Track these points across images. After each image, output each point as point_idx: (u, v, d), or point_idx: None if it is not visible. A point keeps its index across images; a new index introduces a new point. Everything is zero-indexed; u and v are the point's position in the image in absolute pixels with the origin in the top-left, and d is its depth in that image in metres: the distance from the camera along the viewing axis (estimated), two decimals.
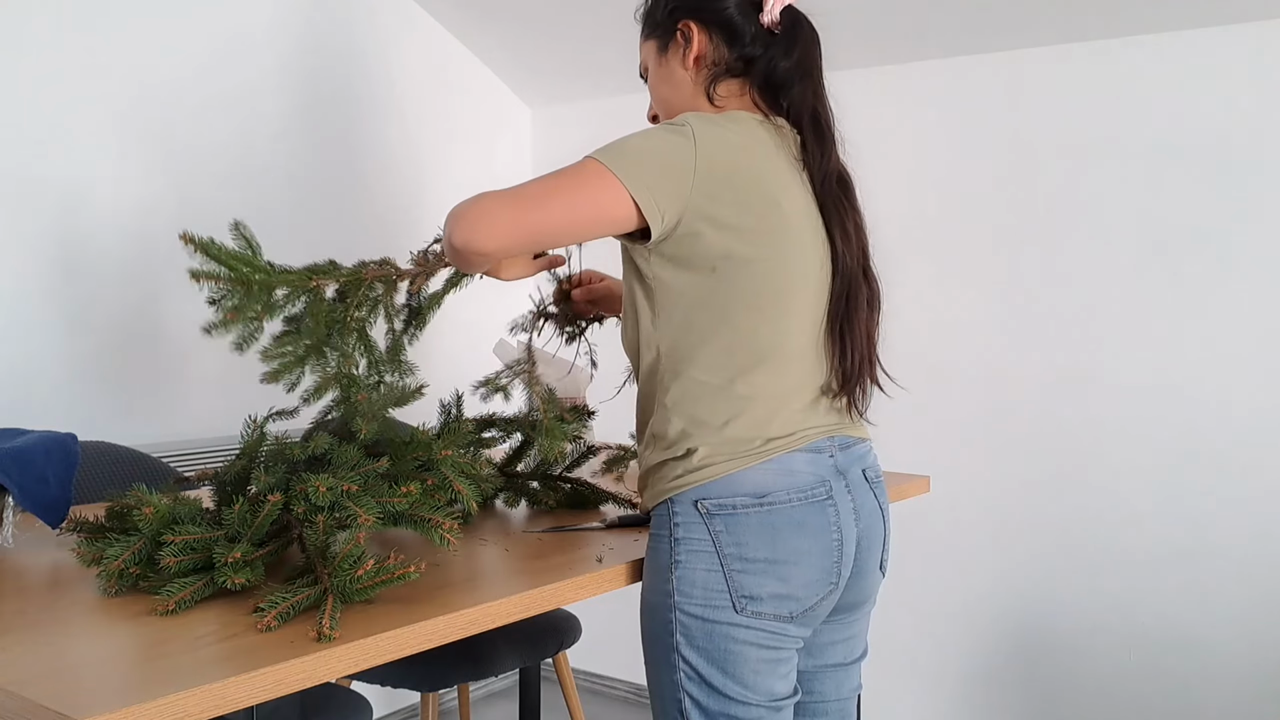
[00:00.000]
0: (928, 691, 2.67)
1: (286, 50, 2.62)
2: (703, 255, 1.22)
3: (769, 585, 1.23)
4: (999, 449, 2.56)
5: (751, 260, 1.23)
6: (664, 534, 1.26)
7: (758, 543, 1.22)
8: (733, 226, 1.21)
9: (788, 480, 1.24)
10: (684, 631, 1.24)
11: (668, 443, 1.26)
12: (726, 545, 1.22)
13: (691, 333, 1.25)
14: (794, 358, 1.27)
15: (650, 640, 1.28)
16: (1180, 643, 2.36)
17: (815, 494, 1.25)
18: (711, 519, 1.23)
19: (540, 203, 1.18)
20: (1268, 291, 2.25)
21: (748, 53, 1.33)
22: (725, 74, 1.34)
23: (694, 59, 1.34)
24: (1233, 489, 2.29)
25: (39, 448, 1.44)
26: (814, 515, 1.25)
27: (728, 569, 1.22)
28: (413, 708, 2.98)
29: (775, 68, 1.32)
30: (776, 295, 1.25)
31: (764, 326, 1.25)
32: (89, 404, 2.23)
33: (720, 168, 1.21)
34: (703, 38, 1.34)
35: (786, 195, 1.26)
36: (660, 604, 1.26)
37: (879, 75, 2.68)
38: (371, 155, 2.84)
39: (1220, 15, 2.24)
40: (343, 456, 1.27)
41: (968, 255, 2.58)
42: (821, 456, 1.27)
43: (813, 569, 1.25)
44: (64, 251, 2.19)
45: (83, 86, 2.21)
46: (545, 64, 3.11)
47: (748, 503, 1.23)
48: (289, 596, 1.05)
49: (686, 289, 1.24)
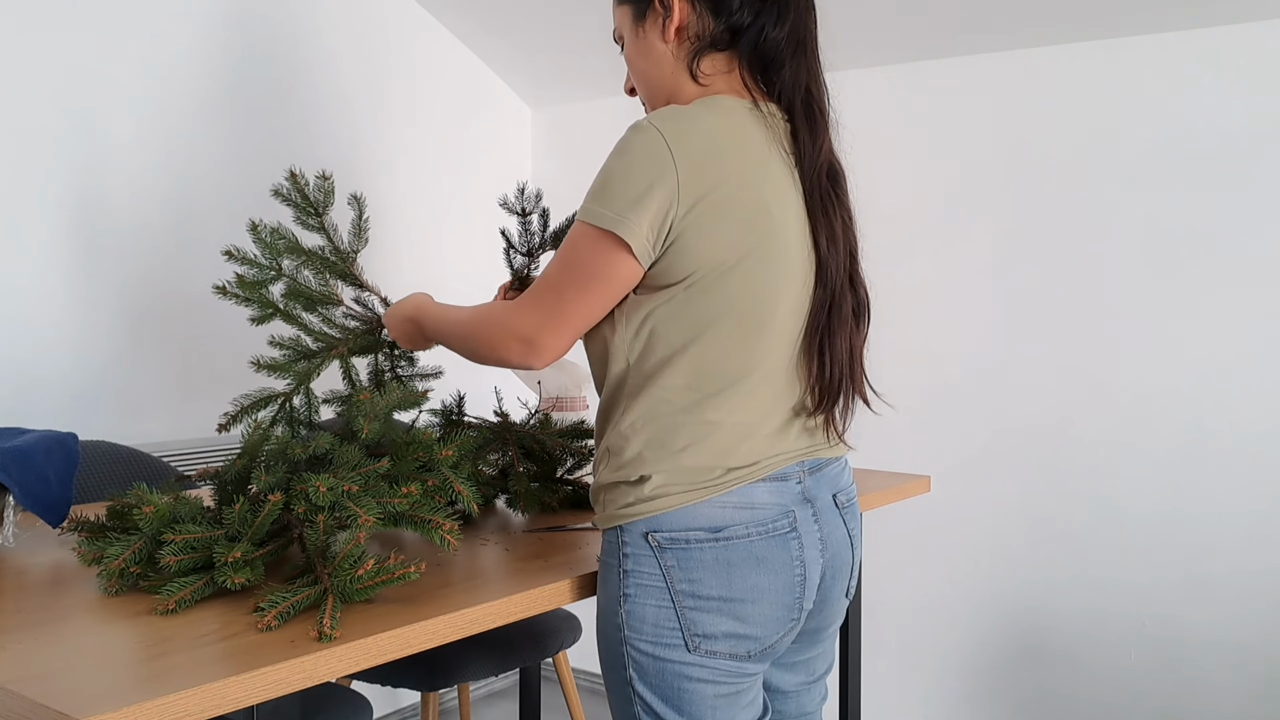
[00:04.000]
0: (928, 691, 2.67)
1: (286, 50, 2.62)
2: (680, 267, 1.13)
3: (724, 624, 1.14)
4: (999, 449, 2.56)
5: (729, 273, 1.14)
6: (613, 563, 1.18)
7: (712, 580, 1.14)
8: (714, 237, 1.13)
9: (747, 515, 1.15)
10: (636, 668, 1.17)
11: (621, 463, 1.17)
12: (679, 581, 1.14)
13: (660, 349, 1.16)
14: (766, 380, 1.18)
15: (606, 668, 1.22)
16: (1180, 642, 2.36)
17: (777, 527, 1.16)
18: (663, 553, 1.14)
19: (562, 304, 1.16)
20: (1268, 291, 2.25)
21: (735, 21, 1.20)
22: (710, 47, 1.21)
23: (675, 30, 1.22)
24: (1233, 489, 2.29)
25: (40, 447, 1.44)
26: (775, 550, 1.16)
27: (679, 606, 1.14)
28: (413, 707, 2.98)
29: (765, 39, 1.19)
30: (753, 312, 1.15)
31: (737, 347, 1.16)
32: (89, 404, 2.23)
33: (702, 170, 1.12)
34: (684, 6, 1.21)
35: (777, 200, 1.17)
36: (612, 636, 1.18)
37: (879, 75, 2.68)
38: (371, 155, 2.84)
39: (1220, 15, 2.24)
40: (344, 456, 1.27)
41: (968, 255, 2.58)
42: (788, 484, 1.19)
43: (772, 606, 1.16)
44: (64, 252, 2.20)
45: (85, 97, 2.22)
46: (546, 65, 3.11)
47: (702, 537, 1.14)
48: (289, 596, 1.05)
49: (660, 301, 1.15)
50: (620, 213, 1.11)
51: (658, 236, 1.12)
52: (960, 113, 2.58)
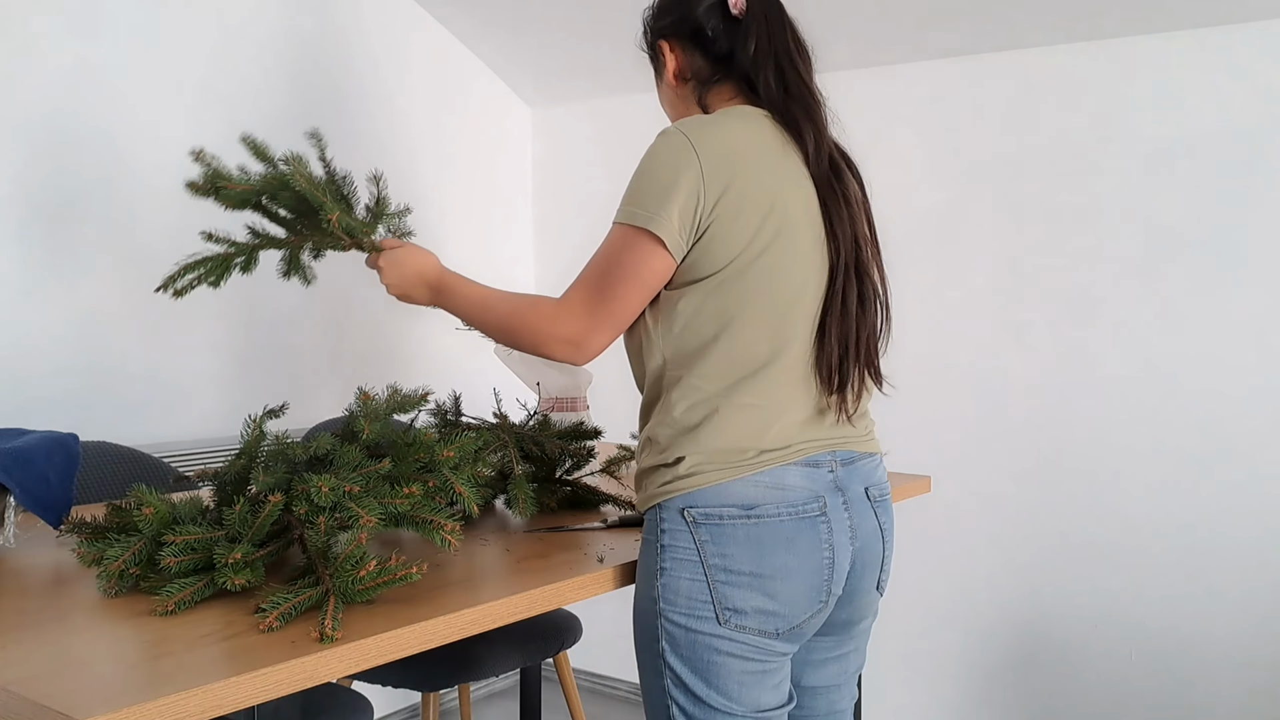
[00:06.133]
0: (928, 691, 2.67)
1: (285, 50, 2.62)
2: (708, 262, 1.23)
3: (753, 600, 1.21)
4: (999, 449, 2.56)
5: (752, 265, 1.23)
6: (652, 539, 1.26)
7: (743, 555, 1.21)
8: (737, 231, 1.22)
9: (778, 495, 1.22)
10: (669, 639, 1.23)
11: (660, 448, 1.26)
12: (711, 556, 1.21)
13: (693, 341, 1.25)
14: (793, 366, 1.26)
15: (639, 645, 1.29)
16: (1181, 642, 2.36)
17: (807, 510, 1.23)
18: (697, 528, 1.22)
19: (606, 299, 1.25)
20: (1269, 291, 2.25)
21: (717, 51, 1.34)
22: (710, 81, 1.36)
23: (673, 74, 1.39)
24: (1233, 488, 2.29)
25: (40, 447, 1.44)
26: (804, 531, 1.23)
27: (712, 580, 1.21)
28: (414, 708, 2.98)
29: (742, 58, 1.32)
30: (776, 300, 1.24)
31: (763, 334, 1.24)
32: (90, 404, 2.23)
33: (724, 165, 1.22)
34: (676, 53, 1.38)
35: (793, 195, 1.26)
36: (647, 610, 1.26)
37: (879, 75, 2.68)
38: (371, 155, 2.84)
39: (1220, 15, 2.24)
40: (344, 457, 1.27)
41: (968, 255, 2.58)
42: (819, 471, 1.26)
43: (800, 585, 1.23)
44: (65, 252, 2.20)
45: (85, 98, 2.22)
46: (545, 64, 3.11)
47: (735, 514, 1.21)
48: (291, 597, 1.05)
49: (690, 296, 1.25)
50: (652, 210, 1.22)
51: (688, 229, 1.22)
52: (960, 113, 2.58)
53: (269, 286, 2.60)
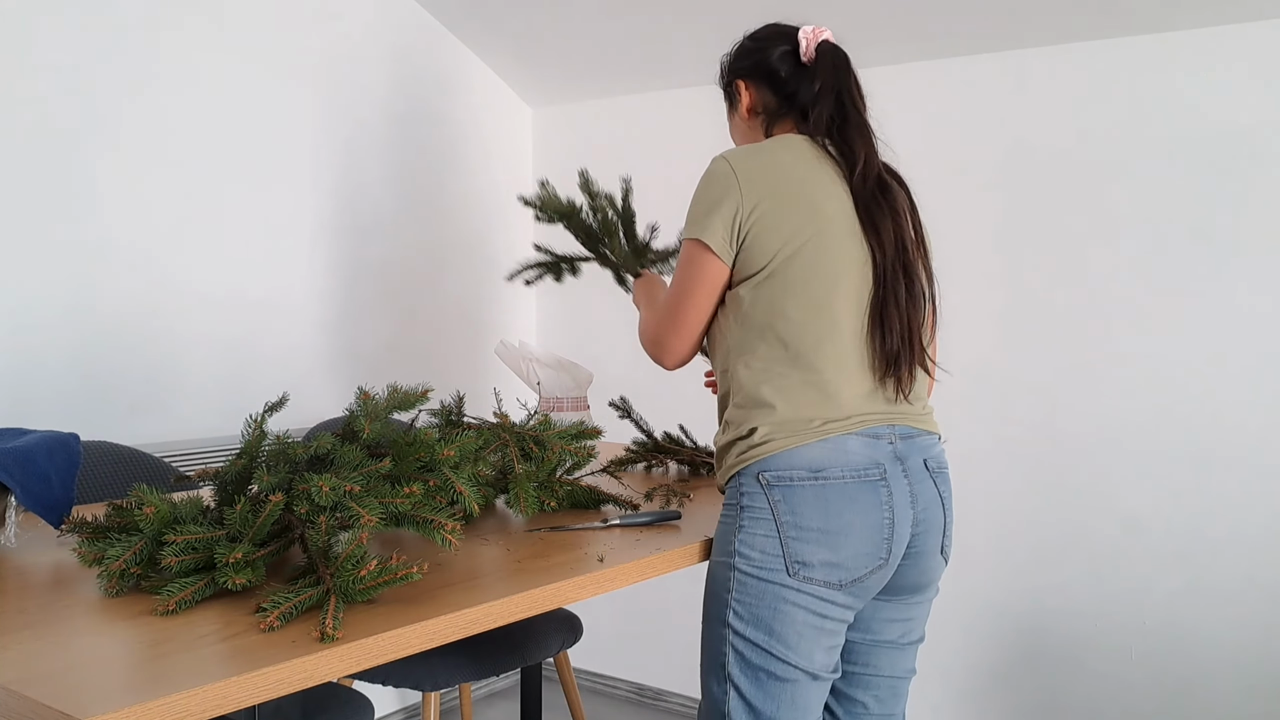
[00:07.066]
0: (929, 690, 2.67)
1: (285, 50, 2.62)
2: (755, 259, 1.41)
3: (820, 553, 1.35)
4: (1000, 449, 2.56)
5: (795, 258, 1.40)
6: (733, 503, 1.42)
7: (812, 513, 1.36)
8: (777, 230, 1.40)
9: (842, 458, 1.37)
10: (739, 588, 1.38)
11: (736, 425, 1.43)
12: (783, 514, 1.36)
13: (754, 330, 1.42)
14: (845, 346, 1.41)
15: (709, 598, 1.43)
16: (1182, 642, 2.36)
17: (869, 474, 1.38)
18: (771, 490, 1.37)
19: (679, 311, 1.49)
20: (1269, 291, 2.25)
21: (787, 89, 1.55)
22: (777, 115, 1.56)
23: (746, 109, 1.59)
24: (1234, 488, 2.29)
25: (41, 447, 1.44)
26: (866, 493, 1.37)
27: (784, 535, 1.36)
28: (414, 707, 2.99)
29: (806, 95, 1.53)
30: (819, 286, 1.40)
31: (812, 316, 1.40)
32: (90, 404, 2.23)
33: (760, 181, 1.41)
34: (750, 91, 1.59)
35: (828, 201, 1.43)
36: (723, 564, 1.41)
37: (878, 75, 2.67)
38: (371, 155, 2.85)
39: (1220, 15, 2.24)
40: (345, 457, 1.27)
41: (968, 255, 2.58)
42: (879, 442, 1.40)
43: (862, 541, 1.37)
44: (66, 252, 2.20)
45: (85, 96, 2.22)
46: (546, 64, 3.11)
47: (804, 476, 1.36)
48: (291, 596, 1.05)
49: (745, 291, 1.43)
50: (701, 224, 1.44)
51: (732, 235, 1.42)
52: (960, 113, 2.58)
53: (269, 286, 2.61)
